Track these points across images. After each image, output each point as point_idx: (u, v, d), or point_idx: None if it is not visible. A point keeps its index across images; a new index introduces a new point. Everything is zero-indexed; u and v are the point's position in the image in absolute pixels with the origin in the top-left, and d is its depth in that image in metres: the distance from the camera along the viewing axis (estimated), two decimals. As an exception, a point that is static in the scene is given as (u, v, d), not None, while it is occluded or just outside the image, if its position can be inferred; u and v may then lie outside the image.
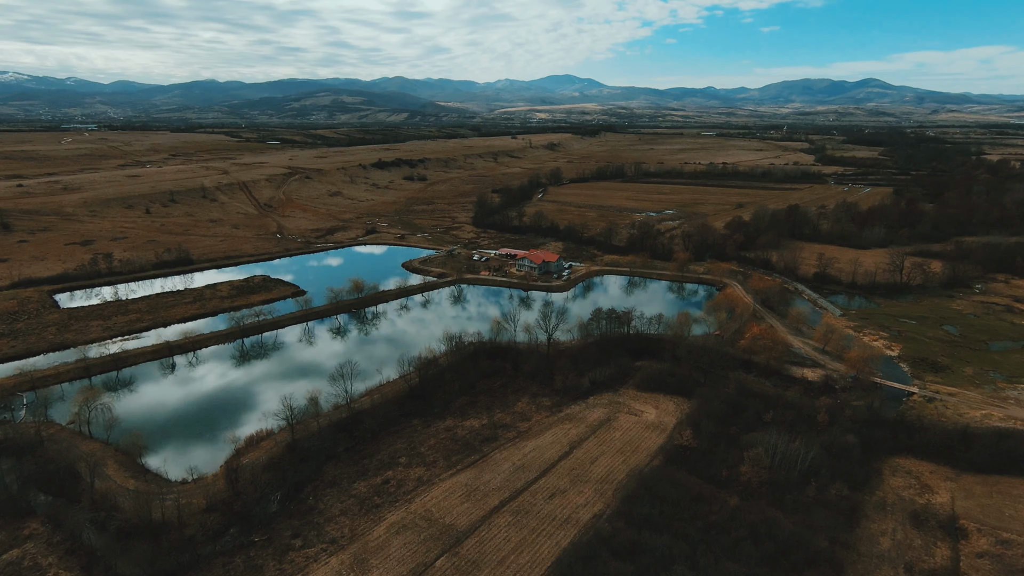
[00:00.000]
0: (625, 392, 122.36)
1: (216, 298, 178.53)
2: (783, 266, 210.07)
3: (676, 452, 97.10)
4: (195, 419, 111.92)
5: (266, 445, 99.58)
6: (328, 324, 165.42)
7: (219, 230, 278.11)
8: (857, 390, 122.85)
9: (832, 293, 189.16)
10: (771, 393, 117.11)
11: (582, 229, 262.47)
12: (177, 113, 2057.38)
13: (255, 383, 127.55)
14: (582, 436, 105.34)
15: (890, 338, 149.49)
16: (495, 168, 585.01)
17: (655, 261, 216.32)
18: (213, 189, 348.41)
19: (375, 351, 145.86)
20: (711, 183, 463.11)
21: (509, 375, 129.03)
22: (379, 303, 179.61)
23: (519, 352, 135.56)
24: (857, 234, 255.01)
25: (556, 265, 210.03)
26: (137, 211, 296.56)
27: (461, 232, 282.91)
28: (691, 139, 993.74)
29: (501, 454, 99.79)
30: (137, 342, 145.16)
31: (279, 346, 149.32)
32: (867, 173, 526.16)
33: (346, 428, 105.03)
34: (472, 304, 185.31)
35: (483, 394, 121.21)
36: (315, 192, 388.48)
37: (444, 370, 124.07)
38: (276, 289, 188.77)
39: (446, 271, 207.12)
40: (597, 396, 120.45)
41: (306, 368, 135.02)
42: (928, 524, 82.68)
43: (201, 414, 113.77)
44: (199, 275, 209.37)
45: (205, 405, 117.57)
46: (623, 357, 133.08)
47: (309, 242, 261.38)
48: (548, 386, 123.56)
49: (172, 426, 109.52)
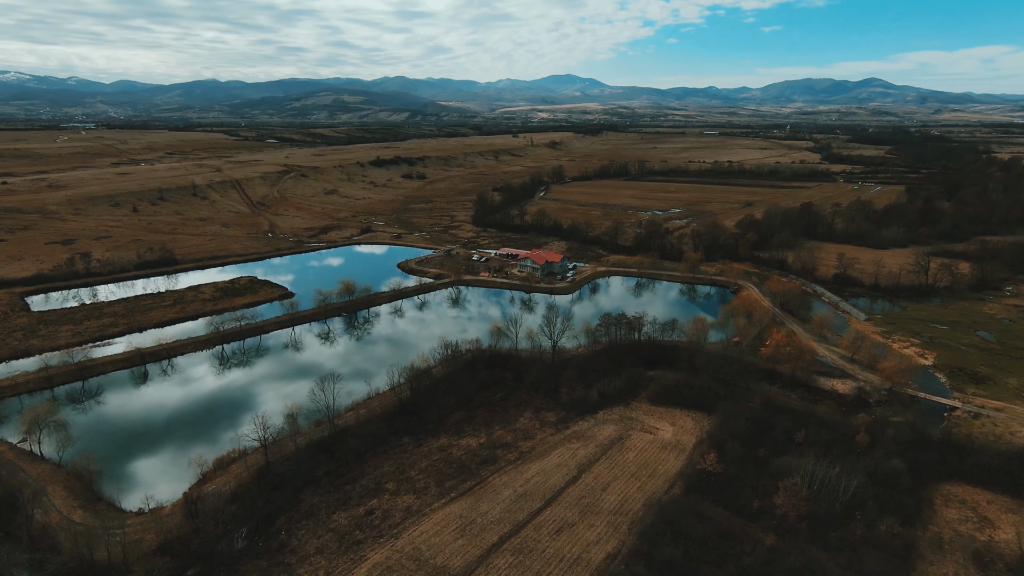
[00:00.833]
0: (638, 406, 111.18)
1: (198, 301, 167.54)
2: (800, 267, 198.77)
3: (699, 478, 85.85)
4: (161, 437, 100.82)
5: (235, 469, 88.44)
6: (316, 329, 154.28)
7: (208, 229, 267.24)
8: (893, 404, 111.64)
9: (853, 295, 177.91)
10: (800, 408, 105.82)
11: (586, 228, 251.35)
12: (178, 113, 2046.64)
13: (232, 395, 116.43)
14: (592, 457, 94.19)
15: (922, 345, 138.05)
16: (496, 166, 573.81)
17: (664, 262, 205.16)
18: (204, 187, 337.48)
19: (364, 359, 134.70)
20: (717, 181, 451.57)
21: (510, 386, 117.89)
22: (371, 306, 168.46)
23: (521, 361, 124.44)
24: (874, 233, 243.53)
25: (560, 266, 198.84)
26: (123, 209, 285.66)
27: (460, 231, 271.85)
28: (694, 138, 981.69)
29: (501, 479, 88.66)
30: (108, 349, 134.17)
31: (262, 353, 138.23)
32: (876, 171, 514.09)
33: (327, 448, 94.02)
34: (470, 307, 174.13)
35: (481, 408, 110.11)
36: (310, 190, 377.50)
37: (438, 381, 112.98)
38: (262, 291, 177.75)
39: (444, 272, 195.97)
40: (607, 411, 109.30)
41: (288, 378, 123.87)
42: (995, 567, 71.41)
43: (169, 431, 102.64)
44: (183, 276, 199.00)
45: (175, 420, 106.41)
46: (635, 366, 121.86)
47: (301, 241, 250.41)
48: (553, 399, 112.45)
49: (135, 445, 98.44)
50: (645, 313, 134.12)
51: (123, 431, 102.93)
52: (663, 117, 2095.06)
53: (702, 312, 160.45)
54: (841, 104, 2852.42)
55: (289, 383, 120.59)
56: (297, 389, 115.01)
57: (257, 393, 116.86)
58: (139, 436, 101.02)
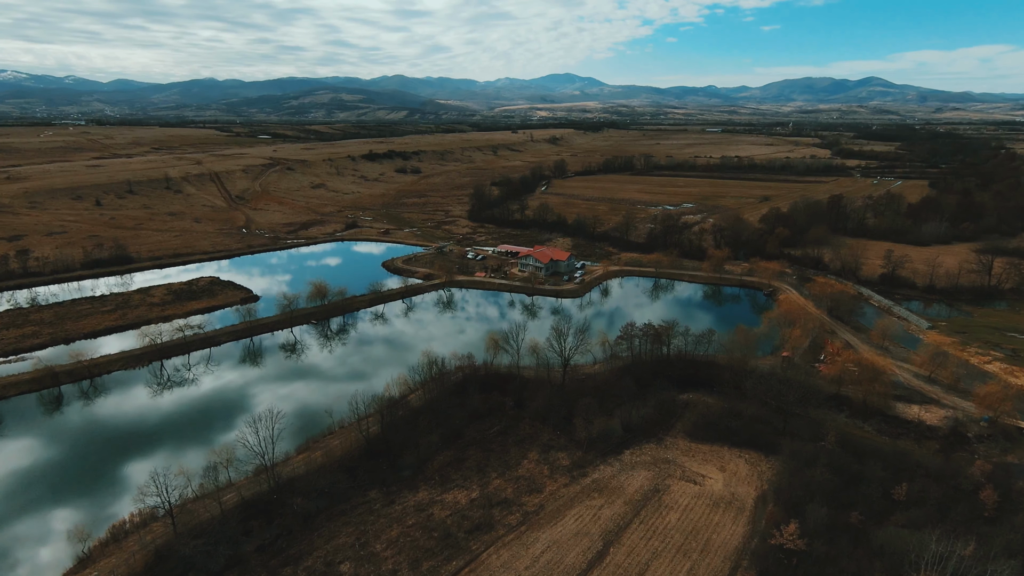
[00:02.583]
0: (673, 442, 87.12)
1: (144, 305, 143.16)
2: (839, 266, 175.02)
3: (775, 559, 61.70)
4: (48, 495, 76.28)
5: (130, 546, 64.08)
6: (281, 339, 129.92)
7: (177, 224, 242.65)
8: (999, 440, 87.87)
9: (904, 298, 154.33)
10: (888, 449, 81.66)
11: (594, 223, 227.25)
12: (174, 111, 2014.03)
13: (154, 432, 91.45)
14: (621, 520, 70.11)
15: (1008, 360, 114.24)
16: (495, 161, 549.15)
17: (683, 260, 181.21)
18: (179, 180, 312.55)
19: (329, 381, 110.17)
20: (727, 176, 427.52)
21: (510, 416, 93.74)
22: (346, 312, 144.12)
23: (524, 382, 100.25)
24: (913, 229, 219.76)
25: (567, 264, 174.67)
26: (85, 203, 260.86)
27: (455, 227, 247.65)
28: (696, 135, 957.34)
29: (499, 556, 64.56)
30: (16, 366, 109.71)
31: (210, 370, 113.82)
32: (892, 166, 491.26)
33: (264, 510, 69.83)
34: (463, 314, 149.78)
35: (473, 447, 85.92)
36: (296, 184, 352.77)
37: (418, 412, 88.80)
38: (222, 294, 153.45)
39: (434, 272, 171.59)
40: (635, 449, 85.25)
41: (232, 407, 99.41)
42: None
43: (60, 485, 78.03)
44: (139, 276, 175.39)
45: (71, 470, 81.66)
46: (664, 389, 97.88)
47: (278, 238, 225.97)
48: (565, 433, 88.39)
49: (11, 507, 73.91)
50: (675, 322, 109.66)
51: (2, 484, 78.43)
52: (663, 115, 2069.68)
53: (736, 318, 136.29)
54: (841, 103, 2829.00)
55: (232, 414, 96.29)
56: (242, 421, 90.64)
57: (187, 429, 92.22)
58: (18, 493, 76.25)
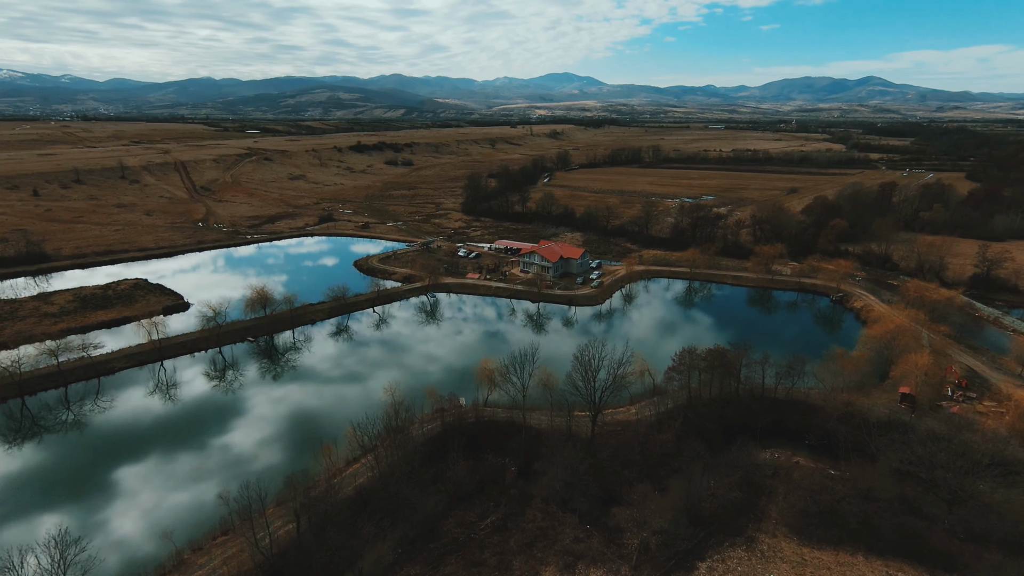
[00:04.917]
0: (774, 545, 54.41)
1: (35, 316, 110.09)
2: (912, 265, 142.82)
3: None
4: None
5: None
6: (202, 366, 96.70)
7: (124, 217, 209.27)
8: None
9: (1008, 306, 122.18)
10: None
11: (607, 216, 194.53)
12: (170, 109, 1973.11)
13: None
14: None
15: None
16: (492, 154, 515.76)
17: (721, 259, 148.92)
18: (138, 169, 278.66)
19: (245, 431, 76.96)
20: (744, 168, 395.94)
21: (513, 495, 60.92)
22: (295, 326, 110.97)
23: (533, 436, 67.39)
24: (982, 222, 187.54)
25: (580, 263, 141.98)
26: (21, 193, 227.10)
27: (446, 221, 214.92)
28: (699, 131, 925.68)
29: None
30: None
31: (86, 412, 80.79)
32: (916, 159, 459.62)
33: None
34: (449, 328, 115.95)
35: (454, 555, 53.04)
36: (272, 175, 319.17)
37: (366, 497, 55.77)
38: (143, 301, 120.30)
39: (415, 272, 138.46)
40: (715, 559, 52.58)
41: (98, 479, 66.47)
42: None
43: None
44: (55, 277, 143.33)
45: None
46: (746, 445, 65.25)
47: (237, 232, 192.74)
48: (599, 523, 55.83)
49: None
50: (748, 345, 76.52)
51: None
52: (663, 114, 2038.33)
53: (804, 334, 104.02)
54: (841, 102, 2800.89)
55: (94, 494, 63.39)
56: (89, 509, 57.77)
57: (14, 520, 59.46)
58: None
